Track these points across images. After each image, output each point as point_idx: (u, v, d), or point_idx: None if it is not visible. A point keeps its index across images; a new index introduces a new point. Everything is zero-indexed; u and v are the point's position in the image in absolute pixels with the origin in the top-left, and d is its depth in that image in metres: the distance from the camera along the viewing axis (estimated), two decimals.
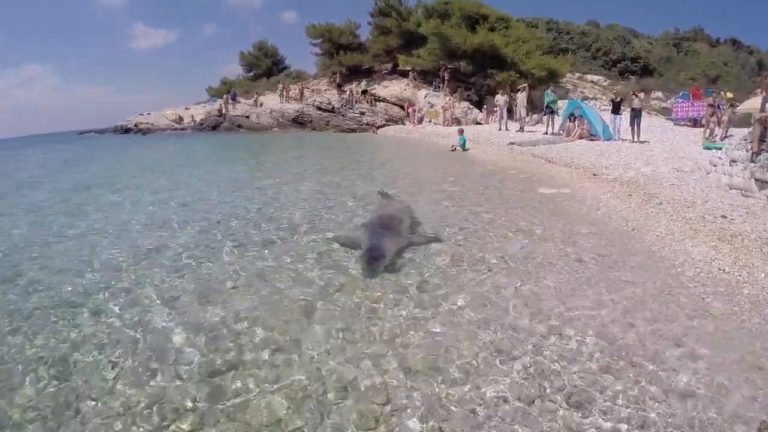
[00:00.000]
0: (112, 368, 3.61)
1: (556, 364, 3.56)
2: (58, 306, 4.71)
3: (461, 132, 18.42)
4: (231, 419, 3.06)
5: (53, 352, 3.86)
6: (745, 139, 8.94)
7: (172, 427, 3.02)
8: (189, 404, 3.21)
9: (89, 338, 4.05)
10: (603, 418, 3.01)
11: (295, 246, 6.37)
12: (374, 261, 5.26)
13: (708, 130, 16.53)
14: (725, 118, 17.32)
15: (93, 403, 3.24)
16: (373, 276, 5.16)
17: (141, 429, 3.00)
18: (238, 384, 3.40)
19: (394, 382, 3.39)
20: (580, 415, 3.04)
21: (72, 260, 6.09)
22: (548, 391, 3.27)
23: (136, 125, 42.39)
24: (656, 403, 3.13)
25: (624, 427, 2.94)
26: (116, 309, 4.60)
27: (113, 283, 5.26)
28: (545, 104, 20.81)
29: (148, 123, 42.15)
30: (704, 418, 3.00)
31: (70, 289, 5.14)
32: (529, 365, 3.56)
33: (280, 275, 5.34)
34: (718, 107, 18.28)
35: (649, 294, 4.73)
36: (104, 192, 11.30)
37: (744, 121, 16.80)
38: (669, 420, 2.98)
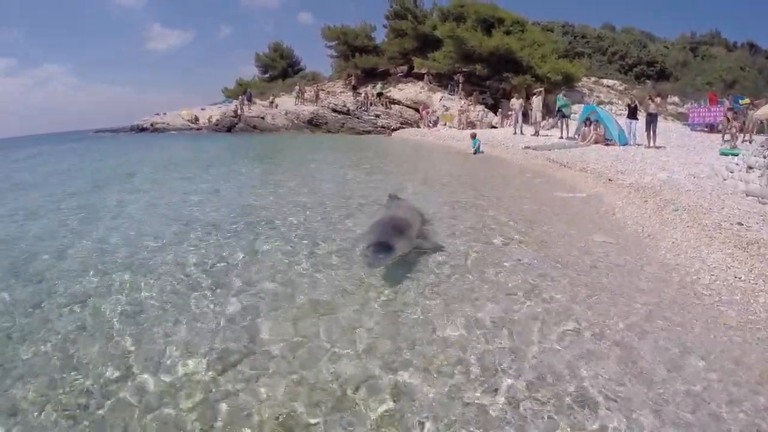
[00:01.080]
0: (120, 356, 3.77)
1: (568, 369, 3.62)
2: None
3: (474, 135, 18.48)
4: (241, 415, 3.18)
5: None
6: (763, 146, 8.91)
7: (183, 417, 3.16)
8: (200, 396, 3.36)
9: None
10: (613, 426, 3.04)
11: (313, 243, 6.50)
12: (379, 253, 5.12)
13: (729, 136, 16.36)
14: (747, 120, 17.18)
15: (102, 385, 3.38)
16: (376, 267, 5.16)
17: (153, 419, 3.14)
18: (249, 379, 3.53)
19: (405, 382, 3.48)
20: (590, 421, 3.09)
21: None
22: (558, 396, 3.31)
23: (152, 125, 43.01)
24: (669, 414, 3.16)
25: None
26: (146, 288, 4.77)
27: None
28: (557, 108, 20.80)
29: (163, 123, 42.80)
30: (716, 429, 3.02)
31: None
32: (539, 370, 3.61)
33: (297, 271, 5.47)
34: (742, 112, 18.06)
35: (663, 302, 4.76)
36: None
37: (761, 127, 16.70)
38: (682, 428, 3.02)
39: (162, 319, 4.45)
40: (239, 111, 37.67)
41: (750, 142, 15.31)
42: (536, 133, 21.77)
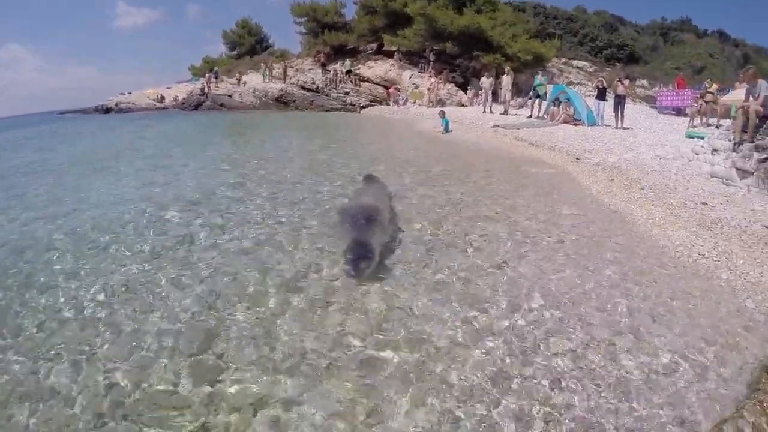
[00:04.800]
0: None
1: (538, 341, 3.59)
2: None
3: (443, 114, 18.21)
4: (213, 397, 3.04)
5: None
6: (728, 129, 9.01)
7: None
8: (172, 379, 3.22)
9: None
10: (582, 396, 3.02)
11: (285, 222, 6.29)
12: (361, 264, 4.56)
13: (705, 118, 16.57)
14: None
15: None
16: (361, 277, 4.56)
17: (123, 406, 2.98)
18: (218, 363, 3.38)
19: (375, 359, 3.39)
20: (558, 392, 3.06)
21: None
22: (529, 368, 3.28)
23: (116, 105, 41.77)
24: (634, 382, 3.16)
25: (602, 403, 2.96)
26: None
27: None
28: (533, 87, 20.72)
29: (128, 102, 41.63)
30: (682, 397, 3.03)
31: None
32: (510, 342, 3.56)
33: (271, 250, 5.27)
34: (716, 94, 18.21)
35: (629, 274, 4.77)
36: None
37: (726, 112, 16.88)
38: (647, 397, 3.01)
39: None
40: (206, 89, 36.71)
41: (717, 127, 15.49)
42: (505, 112, 21.68)
